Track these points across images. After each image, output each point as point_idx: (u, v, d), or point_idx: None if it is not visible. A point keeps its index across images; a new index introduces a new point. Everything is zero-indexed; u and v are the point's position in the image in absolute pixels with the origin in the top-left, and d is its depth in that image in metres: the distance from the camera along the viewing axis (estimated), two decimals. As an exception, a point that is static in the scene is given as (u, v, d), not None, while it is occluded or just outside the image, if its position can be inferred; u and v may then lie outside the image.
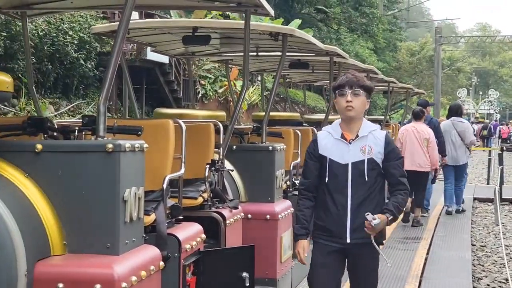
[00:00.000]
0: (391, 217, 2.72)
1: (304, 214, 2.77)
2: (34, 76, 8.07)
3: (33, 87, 4.30)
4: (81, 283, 1.99)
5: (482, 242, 8.02)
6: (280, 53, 4.39)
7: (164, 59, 10.22)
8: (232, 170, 3.92)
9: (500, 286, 5.89)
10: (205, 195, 3.28)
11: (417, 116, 7.87)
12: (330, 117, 5.88)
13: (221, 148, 3.57)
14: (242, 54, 4.35)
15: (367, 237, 2.64)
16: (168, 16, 10.08)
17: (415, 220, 7.83)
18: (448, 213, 8.81)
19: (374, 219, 2.57)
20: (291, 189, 4.82)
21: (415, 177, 6.97)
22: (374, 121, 4.40)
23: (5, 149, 2.19)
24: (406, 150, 7.35)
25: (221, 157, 3.55)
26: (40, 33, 8.71)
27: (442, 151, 8.10)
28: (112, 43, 2.91)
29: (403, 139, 7.66)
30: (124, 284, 1.97)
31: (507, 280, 5.77)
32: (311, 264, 2.82)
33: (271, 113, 4.86)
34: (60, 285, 1.97)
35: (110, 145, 2.06)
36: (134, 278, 2.06)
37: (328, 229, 2.73)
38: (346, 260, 2.85)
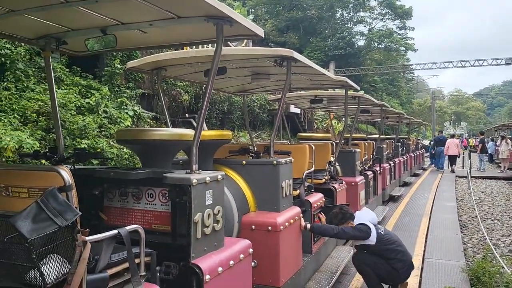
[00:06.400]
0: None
1: None
2: (240, 120, 17.83)
3: (248, 126, 7.68)
4: (262, 225, 3.92)
5: (461, 197, 13.57)
6: (356, 106, 8.03)
7: (298, 111, 20.05)
8: (339, 165, 6.89)
9: (472, 219, 10.21)
10: (326, 177, 6.02)
11: (452, 136, 23.07)
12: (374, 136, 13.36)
13: (334, 154, 6.59)
14: (340, 107, 9.32)
15: None
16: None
17: (452, 170, 20.58)
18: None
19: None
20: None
21: (453, 157, 21.31)
22: (401, 138, 14.82)
23: (231, 163, 4.40)
24: (449, 148, 20.96)
25: (334, 158, 6.51)
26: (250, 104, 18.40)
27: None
28: (277, 105, 5.50)
29: (448, 144, 21.09)
30: (281, 227, 3.95)
31: (476, 216, 10.12)
32: None
33: (354, 135, 10.45)
34: (253, 226, 3.97)
35: (275, 162, 4.17)
36: (287, 224, 4.05)
37: None
38: None
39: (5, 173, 2.18)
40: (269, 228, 3.92)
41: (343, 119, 20.23)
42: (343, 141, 7.71)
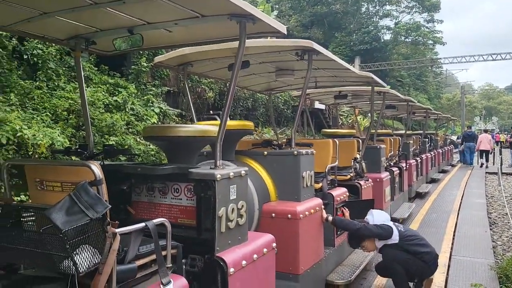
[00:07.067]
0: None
1: None
2: (264, 117, 18.16)
3: (274, 122, 7.90)
4: (282, 214, 4.04)
5: (491, 194, 13.05)
6: (381, 102, 7.94)
7: (322, 106, 19.95)
8: (364, 161, 6.59)
9: (502, 217, 9.81)
10: (352, 174, 5.99)
11: (485, 131, 23.88)
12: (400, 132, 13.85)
13: (360, 151, 6.51)
14: (365, 103, 9.35)
15: None
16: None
17: (483, 165, 20.53)
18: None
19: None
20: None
21: (484, 152, 20.78)
22: (428, 134, 14.67)
23: (253, 154, 4.51)
24: (481, 143, 20.53)
25: (360, 155, 6.42)
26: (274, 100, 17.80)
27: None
28: (298, 101, 5.49)
29: (480, 139, 20.81)
30: (301, 215, 4.00)
31: (506, 214, 9.86)
32: None
33: (379, 131, 9.85)
34: (273, 214, 4.04)
35: (295, 152, 4.24)
36: (307, 213, 4.11)
37: None
38: None
39: (40, 169, 2.30)
40: (289, 216, 3.97)
41: (369, 115, 20.30)
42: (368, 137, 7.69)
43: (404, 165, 9.92)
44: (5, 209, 2.11)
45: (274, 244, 3.26)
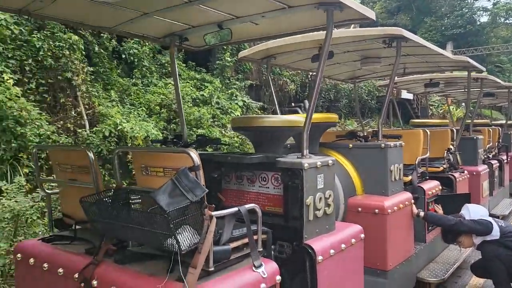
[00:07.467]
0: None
1: None
2: (347, 108, 18.27)
3: (359, 113, 7.92)
4: (369, 208, 3.96)
5: None
6: (478, 89, 7.38)
7: (410, 96, 18.77)
8: (459, 152, 6.27)
9: None
10: (444, 166, 5.69)
11: None
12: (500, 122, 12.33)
13: (454, 142, 6.13)
14: (459, 91, 8.64)
15: None
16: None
17: None
18: None
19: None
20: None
21: None
22: None
23: (338, 146, 4.48)
24: None
25: (454, 146, 6.09)
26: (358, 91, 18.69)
27: None
28: (384, 91, 5.30)
29: None
30: (389, 210, 3.89)
31: None
32: None
33: (475, 121, 8.95)
34: (359, 209, 3.97)
35: (383, 145, 4.13)
36: (395, 208, 3.99)
37: None
38: None
39: (145, 156, 2.52)
40: (376, 211, 3.90)
41: (462, 104, 18.89)
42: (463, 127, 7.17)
43: (504, 157, 9.10)
44: (116, 193, 2.36)
45: (363, 235, 3.21)
